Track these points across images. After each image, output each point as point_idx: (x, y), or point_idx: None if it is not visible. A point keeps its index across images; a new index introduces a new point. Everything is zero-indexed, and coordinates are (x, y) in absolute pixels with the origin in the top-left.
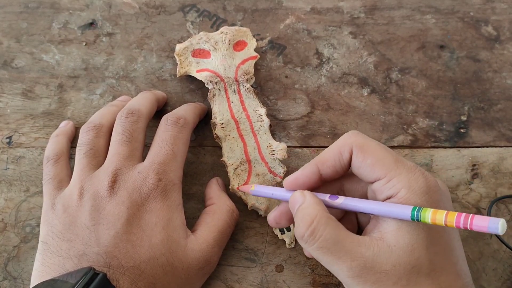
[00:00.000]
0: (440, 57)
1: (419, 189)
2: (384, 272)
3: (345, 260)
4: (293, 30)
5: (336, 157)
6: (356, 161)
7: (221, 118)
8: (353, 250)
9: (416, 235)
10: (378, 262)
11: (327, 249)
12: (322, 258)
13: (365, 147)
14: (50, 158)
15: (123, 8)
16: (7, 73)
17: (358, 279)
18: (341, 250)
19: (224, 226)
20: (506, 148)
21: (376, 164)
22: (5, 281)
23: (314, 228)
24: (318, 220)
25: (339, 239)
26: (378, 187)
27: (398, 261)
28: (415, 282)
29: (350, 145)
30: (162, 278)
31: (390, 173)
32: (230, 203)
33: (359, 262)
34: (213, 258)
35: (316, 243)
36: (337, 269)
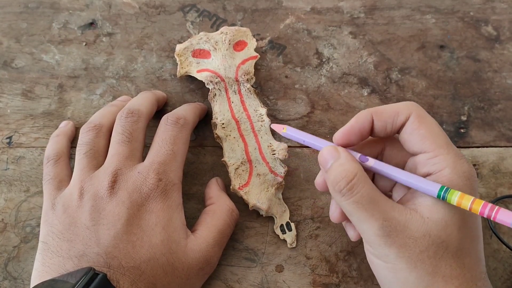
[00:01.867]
0: (440, 57)
1: (463, 173)
2: (413, 238)
3: (378, 219)
4: (293, 30)
5: (392, 115)
6: (410, 127)
7: (222, 118)
8: (386, 211)
9: (452, 214)
10: (409, 228)
11: (363, 205)
12: (356, 213)
13: (423, 118)
14: (50, 158)
15: (123, 8)
16: (7, 73)
17: (386, 239)
18: (375, 208)
19: (224, 226)
20: (506, 148)
21: (428, 137)
22: (5, 281)
23: (354, 184)
24: (358, 177)
25: (375, 198)
26: (422, 159)
27: (429, 232)
28: (441, 256)
29: (409, 110)
30: (163, 278)
31: (439, 150)
32: (230, 203)
33: (391, 223)
34: (213, 258)
35: (353, 198)
36: (367, 226)
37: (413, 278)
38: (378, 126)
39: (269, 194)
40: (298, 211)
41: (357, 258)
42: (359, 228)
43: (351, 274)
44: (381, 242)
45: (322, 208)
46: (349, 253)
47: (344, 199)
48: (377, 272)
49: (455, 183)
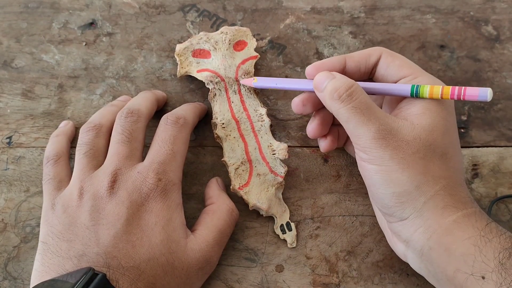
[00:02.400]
0: (440, 57)
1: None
2: (406, 141)
3: (375, 123)
4: (293, 30)
5: (363, 57)
6: (384, 62)
7: (222, 118)
8: (382, 117)
9: (436, 121)
10: (402, 132)
11: (360, 110)
12: (354, 117)
13: (394, 54)
14: (50, 158)
15: (123, 8)
16: (7, 73)
17: (382, 141)
18: (372, 114)
19: (224, 226)
20: (506, 148)
21: (404, 65)
22: (5, 281)
23: (353, 91)
24: (356, 86)
25: (371, 105)
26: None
27: (419, 136)
28: (430, 157)
29: (379, 51)
30: (162, 278)
31: (417, 72)
32: (229, 203)
33: (386, 127)
34: (213, 258)
35: (352, 103)
36: (364, 130)
37: (406, 178)
38: (351, 67)
39: (269, 194)
40: (298, 211)
41: (357, 258)
42: (354, 134)
43: (351, 274)
44: (377, 145)
45: (322, 208)
46: (349, 253)
47: (344, 104)
48: (370, 178)
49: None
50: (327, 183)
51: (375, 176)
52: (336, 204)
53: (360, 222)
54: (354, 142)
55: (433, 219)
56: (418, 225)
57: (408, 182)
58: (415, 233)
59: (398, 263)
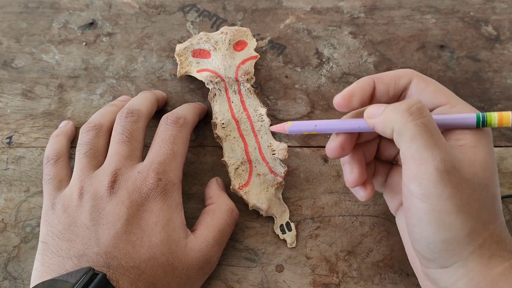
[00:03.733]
0: (440, 57)
1: None
2: (465, 179)
3: (441, 149)
4: (293, 30)
5: (393, 79)
6: (417, 88)
7: (222, 118)
8: (447, 145)
9: (489, 156)
10: (463, 167)
11: (429, 128)
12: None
13: (426, 79)
14: (50, 158)
15: (123, 8)
16: (7, 73)
17: (444, 175)
18: (440, 137)
19: (224, 226)
20: (506, 148)
21: (438, 92)
22: (5, 281)
23: (422, 107)
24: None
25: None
26: (441, 112)
27: (477, 174)
28: (483, 199)
29: (410, 75)
30: (162, 278)
31: (453, 100)
32: (229, 203)
33: (451, 158)
34: (213, 257)
35: (422, 118)
36: (429, 155)
37: (459, 223)
38: (380, 90)
39: (269, 194)
40: (298, 211)
41: (357, 258)
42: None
43: (351, 274)
44: (438, 179)
45: (322, 208)
46: (349, 253)
47: (413, 118)
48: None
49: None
50: (327, 183)
51: (424, 216)
52: (336, 204)
53: (360, 222)
54: (409, 170)
55: (478, 271)
56: (461, 275)
57: (460, 229)
58: (457, 283)
59: (398, 263)
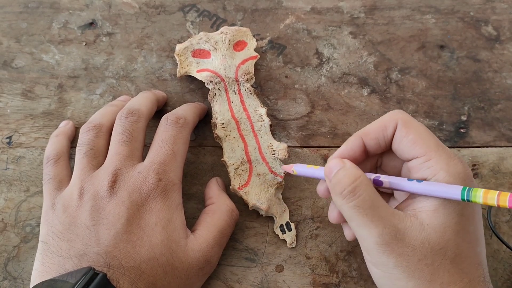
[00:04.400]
0: (440, 57)
1: (457, 174)
2: (412, 246)
3: (378, 225)
4: (293, 30)
5: (380, 130)
6: (398, 135)
7: (222, 118)
8: (387, 218)
9: (450, 219)
10: (409, 236)
11: (364, 209)
12: (356, 218)
13: (409, 123)
14: (50, 158)
15: (123, 8)
16: (7, 73)
17: (385, 248)
18: (376, 214)
19: (224, 226)
20: (506, 148)
21: (417, 141)
22: (5, 281)
23: (356, 186)
24: (361, 180)
25: (376, 204)
26: (415, 164)
27: (428, 239)
28: (439, 263)
29: (395, 120)
30: (162, 278)
31: (430, 153)
32: (230, 203)
33: (391, 230)
34: (213, 258)
35: (354, 201)
36: (366, 233)
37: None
38: (371, 146)
39: (269, 194)
40: (298, 211)
41: (357, 258)
42: (358, 234)
43: (351, 274)
44: (380, 251)
45: (322, 208)
46: (349, 253)
47: (346, 202)
48: (375, 280)
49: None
50: None
51: (380, 280)
52: None
53: None
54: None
55: None
56: None
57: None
58: None
59: None
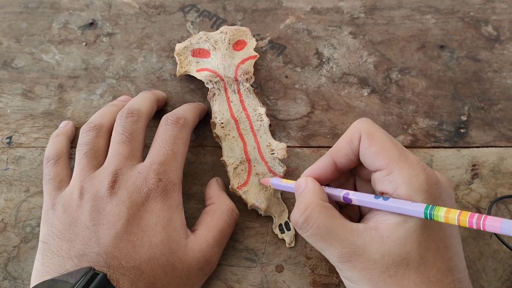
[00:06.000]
0: (440, 57)
1: (419, 186)
2: (373, 260)
3: (337, 247)
4: (293, 30)
5: (348, 146)
6: (362, 147)
7: (221, 117)
8: (345, 238)
9: (411, 231)
10: (368, 250)
11: (320, 236)
12: (316, 244)
13: (372, 135)
14: (50, 158)
15: (123, 8)
16: (7, 73)
17: (347, 265)
18: (333, 237)
19: (224, 226)
20: (506, 148)
21: (380, 153)
22: (5, 281)
23: (308, 216)
24: (312, 208)
25: (332, 227)
26: (378, 177)
27: (388, 252)
28: (402, 274)
29: (359, 131)
30: (162, 278)
31: (392, 165)
32: (230, 203)
33: (349, 249)
34: (213, 258)
35: (309, 230)
36: (329, 254)
37: None
38: (342, 163)
39: (268, 193)
40: None
41: None
42: (324, 254)
43: None
44: (344, 267)
45: None
46: None
47: (302, 232)
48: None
49: (414, 199)
50: None
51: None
52: None
53: None
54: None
55: None
56: None
57: None
58: None
59: None
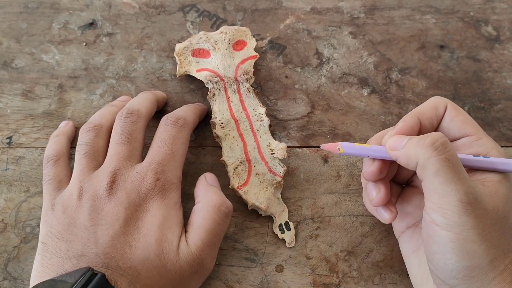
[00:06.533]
0: (440, 57)
1: (504, 155)
2: (486, 210)
3: (464, 183)
4: (293, 30)
5: (433, 110)
6: (449, 115)
7: (221, 117)
8: (469, 179)
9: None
10: (484, 199)
11: (453, 164)
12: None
13: (458, 108)
14: (50, 158)
15: (123, 8)
16: (7, 73)
17: (468, 207)
18: (462, 171)
19: (212, 225)
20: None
21: (467, 122)
22: (5, 281)
23: (446, 142)
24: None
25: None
26: (466, 142)
27: (497, 205)
28: (503, 229)
29: (444, 102)
30: (158, 281)
31: (480, 133)
32: (216, 198)
33: (473, 190)
34: (206, 260)
35: (445, 154)
36: (452, 189)
37: (482, 251)
38: (425, 125)
39: (268, 193)
40: (298, 211)
41: (357, 258)
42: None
43: (351, 274)
44: (462, 210)
45: (322, 208)
46: (349, 253)
47: (437, 153)
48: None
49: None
50: (327, 183)
51: (449, 244)
52: (336, 204)
53: (360, 222)
54: (432, 202)
55: None
56: None
57: (483, 256)
58: None
59: (398, 263)
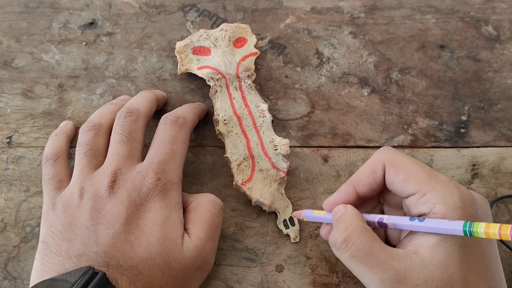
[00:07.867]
0: (440, 57)
1: (454, 204)
2: (415, 286)
3: (377, 272)
4: (293, 30)
5: (370, 176)
6: (389, 177)
7: (224, 114)
8: (385, 262)
9: (452, 252)
10: (410, 276)
11: (360, 258)
12: (354, 267)
13: (396, 163)
14: (49, 157)
15: (123, 7)
16: (7, 73)
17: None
18: (373, 261)
19: (211, 217)
20: (506, 148)
21: (408, 179)
22: (5, 281)
23: (348, 236)
24: (352, 228)
25: (372, 249)
26: (412, 201)
27: (430, 276)
28: None
29: (382, 161)
30: (160, 278)
31: (424, 188)
32: (208, 195)
33: (391, 274)
34: (209, 254)
35: (348, 251)
36: (368, 280)
37: None
38: (364, 192)
39: (272, 189)
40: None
41: None
42: (361, 280)
43: (351, 274)
44: None
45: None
46: None
47: (341, 253)
48: None
49: (449, 217)
50: (327, 183)
51: None
52: None
53: None
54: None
55: None
56: None
57: None
58: None
59: None
